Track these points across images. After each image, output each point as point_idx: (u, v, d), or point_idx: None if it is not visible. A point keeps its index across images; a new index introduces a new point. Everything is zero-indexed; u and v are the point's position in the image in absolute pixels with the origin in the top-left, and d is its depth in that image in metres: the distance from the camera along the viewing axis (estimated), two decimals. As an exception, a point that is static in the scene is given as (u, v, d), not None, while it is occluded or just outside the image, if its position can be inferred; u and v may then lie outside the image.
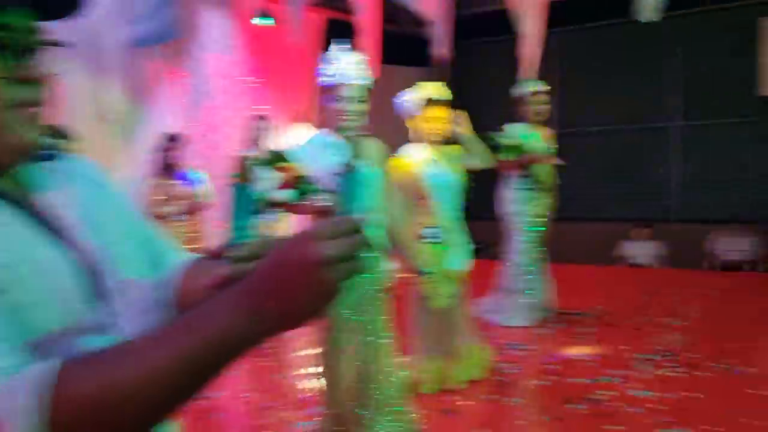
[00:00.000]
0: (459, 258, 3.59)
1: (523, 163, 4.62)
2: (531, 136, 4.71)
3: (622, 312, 5.11)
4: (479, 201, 4.73)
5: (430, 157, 3.51)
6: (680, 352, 4.06)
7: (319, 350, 2.70)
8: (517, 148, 4.57)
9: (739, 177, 8.48)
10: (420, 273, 3.25)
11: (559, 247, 5.03)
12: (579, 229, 8.94)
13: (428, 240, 3.48)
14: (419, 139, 3.56)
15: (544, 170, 4.72)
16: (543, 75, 5.41)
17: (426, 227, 3.49)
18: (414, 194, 3.48)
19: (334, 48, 2.61)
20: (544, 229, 4.78)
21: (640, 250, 8.18)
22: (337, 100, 2.56)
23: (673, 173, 9.05)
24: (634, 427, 3.01)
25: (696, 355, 3.99)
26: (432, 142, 3.53)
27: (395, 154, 3.48)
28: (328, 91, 2.60)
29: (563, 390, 3.51)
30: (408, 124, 3.60)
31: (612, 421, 3.07)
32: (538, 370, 3.90)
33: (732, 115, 8.47)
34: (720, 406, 3.22)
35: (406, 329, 3.81)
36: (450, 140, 3.62)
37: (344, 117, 2.57)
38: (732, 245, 7.78)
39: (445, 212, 3.52)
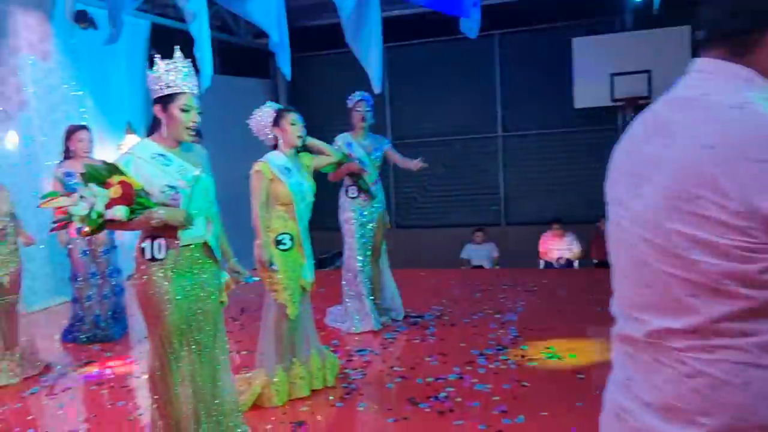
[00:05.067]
0: (308, 267, 3.61)
1: (342, 172, 4.75)
2: (354, 145, 4.87)
3: (459, 311, 5.40)
4: (324, 210, 4.77)
5: (286, 164, 3.51)
6: (510, 346, 4.38)
7: (152, 372, 2.57)
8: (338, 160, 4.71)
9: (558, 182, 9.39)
10: (269, 277, 3.34)
11: (406, 252, 5.24)
12: (423, 235, 9.37)
13: (282, 247, 3.47)
14: (277, 147, 3.57)
15: (368, 178, 4.89)
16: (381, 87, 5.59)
17: (280, 233, 3.48)
18: (272, 199, 3.46)
19: (168, 56, 2.51)
20: (371, 234, 4.94)
21: (477, 252, 8.72)
22: (181, 110, 2.47)
23: (500, 180, 9.78)
24: (473, 419, 3.20)
25: (524, 347, 4.33)
26: (286, 150, 3.55)
27: (259, 160, 3.48)
28: (160, 100, 2.50)
29: (408, 391, 3.64)
30: (262, 136, 3.64)
31: (454, 416, 3.25)
32: (384, 373, 4.00)
33: (549, 126, 9.36)
34: (548, 393, 3.51)
35: (249, 342, 3.75)
36: (300, 149, 3.65)
37: (181, 126, 2.49)
38: (555, 245, 8.53)
39: (298, 220, 3.54)
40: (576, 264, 8.43)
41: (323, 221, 3.82)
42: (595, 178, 9.06)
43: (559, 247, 8.47)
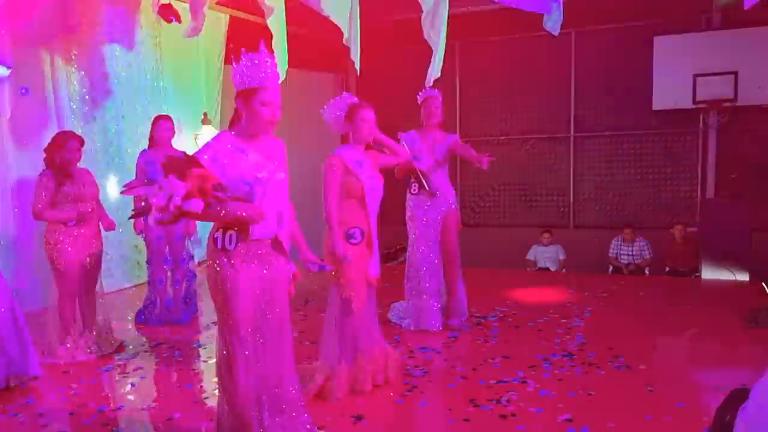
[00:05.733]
0: (375, 261, 3.62)
1: (402, 169, 4.68)
2: (419, 142, 4.81)
3: (525, 314, 5.30)
4: (392, 205, 4.75)
5: (358, 158, 3.53)
6: (577, 352, 4.26)
7: (220, 358, 2.64)
8: None
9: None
10: (337, 270, 3.36)
11: (472, 252, 5.14)
12: (488, 235, 9.26)
13: (353, 240, 3.49)
14: (349, 141, 3.59)
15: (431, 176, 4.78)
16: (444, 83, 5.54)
17: (351, 227, 3.50)
18: (344, 193, 3.49)
19: (258, 51, 2.55)
20: (436, 232, 4.82)
21: (544, 254, 8.55)
22: (262, 104, 2.51)
23: (570, 181, 9.53)
24: (536, 426, 3.12)
25: (591, 354, 4.21)
26: (359, 145, 3.57)
27: (334, 153, 3.51)
28: (242, 94, 2.55)
29: (470, 392, 3.59)
30: (336, 127, 3.64)
31: (516, 421, 3.18)
32: (445, 372, 3.97)
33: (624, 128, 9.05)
34: (614, 403, 3.40)
35: (316, 333, 3.80)
36: (370, 145, 3.66)
37: (262, 120, 2.53)
38: (625, 250, 8.26)
39: (369, 214, 3.55)
40: (647, 271, 8.14)
41: (390, 216, 3.80)
42: (669, 182, 8.84)
43: (629, 252, 8.19)
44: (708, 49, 8.08)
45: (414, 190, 4.87)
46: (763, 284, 5.99)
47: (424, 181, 4.77)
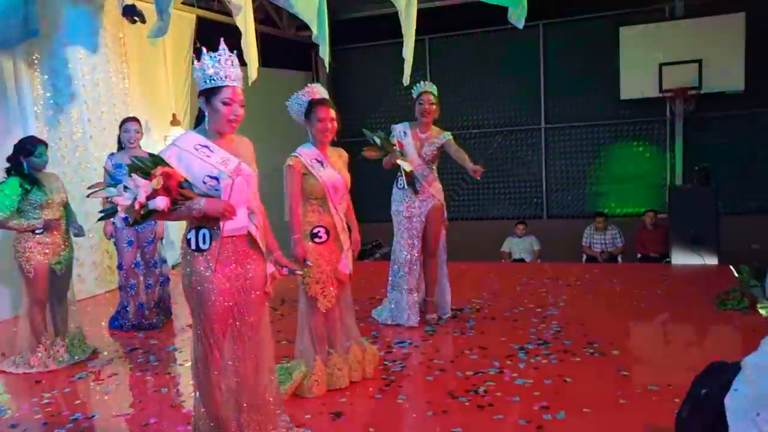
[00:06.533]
0: (346, 259, 3.61)
1: (389, 162, 4.66)
2: (409, 136, 4.79)
3: (500, 305, 5.35)
4: (371, 202, 4.73)
5: (318, 156, 3.51)
6: (552, 340, 4.31)
7: (195, 360, 2.62)
8: (380, 148, 4.64)
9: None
10: (302, 269, 3.33)
11: (447, 246, 5.10)
12: (463, 228, 9.31)
13: (318, 240, 3.48)
14: (310, 140, 3.55)
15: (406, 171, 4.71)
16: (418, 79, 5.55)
17: (315, 226, 3.49)
18: (306, 193, 3.47)
19: (218, 50, 2.52)
20: (418, 228, 4.80)
21: (518, 245, 8.63)
22: (223, 103, 2.49)
23: (542, 173, 9.63)
24: (513, 414, 3.16)
25: (566, 341, 4.26)
26: (320, 143, 3.53)
27: (291, 154, 3.48)
28: (204, 93, 2.53)
29: (448, 384, 3.62)
30: (300, 121, 3.59)
31: (493, 411, 3.21)
32: (423, 366, 3.99)
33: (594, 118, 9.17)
34: (589, 388, 3.45)
35: (293, 332, 3.79)
36: (334, 141, 3.63)
37: (223, 119, 2.51)
38: (598, 239, 8.37)
39: (333, 212, 3.53)
40: (620, 258, 8.27)
41: (368, 213, 3.78)
42: (640, 170, 8.99)
43: (602, 241, 8.31)
44: (672, 39, 8.24)
45: (400, 184, 4.84)
46: (731, 268, 6.12)
47: (407, 179, 4.74)
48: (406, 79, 5.31)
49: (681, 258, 7.11)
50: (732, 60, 7.92)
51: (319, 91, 3.54)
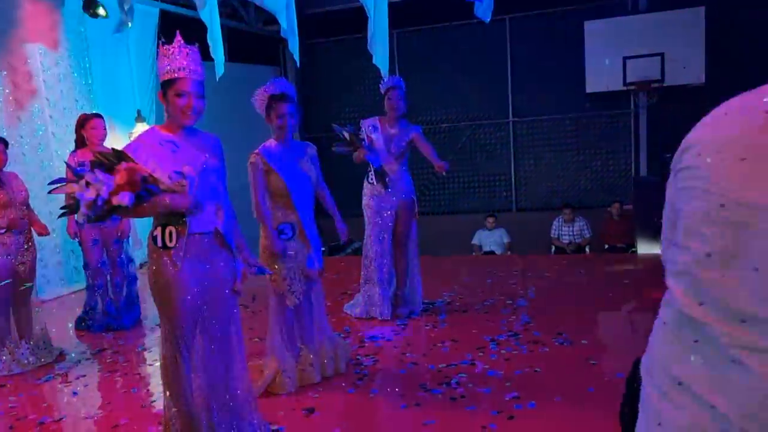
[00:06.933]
0: (314, 255, 3.59)
1: (359, 156, 4.68)
2: (379, 131, 4.79)
3: (471, 298, 5.39)
4: (342, 197, 4.70)
5: (280, 153, 3.47)
6: (522, 332, 4.36)
7: (164, 360, 2.59)
8: (350, 143, 4.65)
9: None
10: (269, 269, 3.29)
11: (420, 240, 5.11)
12: (434, 222, 9.35)
13: (283, 236, 3.46)
14: (273, 135, 3.52)
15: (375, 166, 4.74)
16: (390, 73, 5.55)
17: (281, 223, 3.46)
18: (270, 190, 3.44)
19: (173, 42, 2.49)
20: (389, 222, 4.84)
21: (488, 238, 8.70)
22: (176, 95, 2.45)
23: (511, 166, 9.72)
24: (485, 405, 3.19)
25: (536, 332, 4.32)
26: (279, 138, 3.49)
27: (254, 150, 3.44)
28: (167, 86, 2.49)
29: (420, 377, 3.64)
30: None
31: (465, 402, 3.24)
32: (396, 360, 4.00)
33: (561, 111, 9.28)
34: (558, 377, 3.51)
35: (265, 329, 3.76)
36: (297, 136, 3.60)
37: (177, 110, 2.47)
38: (566, 230, 8.49)
39: (300, 209, 3.51)
40: (587, 249, 8.40)
41: (341, 208, 3.78)
42: (606, 162, 9.13)
43: (570, 232, 8.43)
44: (635, 33, 8.36)
45: (370, 179, 4.84)
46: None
47: (376, 174, 4.74)
48: (385, 73, 5.31)
49: (646, 248, 7.26)
50: (693, 53, 8.08)
51: (281, 86, 3.50)
